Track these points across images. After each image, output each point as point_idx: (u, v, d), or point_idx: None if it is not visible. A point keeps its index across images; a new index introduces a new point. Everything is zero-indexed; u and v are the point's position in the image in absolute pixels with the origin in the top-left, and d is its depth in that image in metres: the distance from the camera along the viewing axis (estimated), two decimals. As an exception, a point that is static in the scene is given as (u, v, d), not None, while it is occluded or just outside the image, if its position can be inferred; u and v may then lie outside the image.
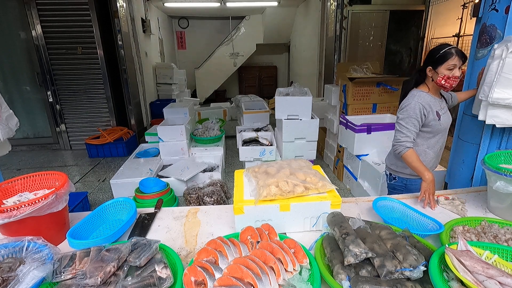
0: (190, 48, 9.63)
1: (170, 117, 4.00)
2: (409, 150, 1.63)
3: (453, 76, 1.56)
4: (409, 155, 1.63)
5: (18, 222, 1.02)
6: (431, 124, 1.67)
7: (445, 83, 1.59)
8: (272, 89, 9.35)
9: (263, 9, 8.13)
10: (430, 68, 1.64)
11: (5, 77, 4.74)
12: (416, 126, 1.65)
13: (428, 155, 1.77)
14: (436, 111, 1.67)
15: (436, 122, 1.67)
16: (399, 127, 1.69)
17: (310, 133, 3.23)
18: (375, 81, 3.40)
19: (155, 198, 2.46)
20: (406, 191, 1.86)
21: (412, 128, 1.65)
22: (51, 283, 0.90)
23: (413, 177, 1.81)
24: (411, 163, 1.63)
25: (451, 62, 1.54)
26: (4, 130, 1.96)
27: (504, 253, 0.92)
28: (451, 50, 1.55)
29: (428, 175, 1.54)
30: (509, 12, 1.77)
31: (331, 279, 0.87)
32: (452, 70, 1.56)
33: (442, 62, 1.57)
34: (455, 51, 1.54)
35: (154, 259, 0.95)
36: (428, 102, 1.66)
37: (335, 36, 5.42)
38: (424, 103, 1.64)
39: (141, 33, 5.92)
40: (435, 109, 1.67)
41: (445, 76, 1.57)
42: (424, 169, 1.58)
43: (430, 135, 1.72)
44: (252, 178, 1.31)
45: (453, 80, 1.57)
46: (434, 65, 1.61)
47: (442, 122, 1.69)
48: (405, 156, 1.64)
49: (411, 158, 1.62)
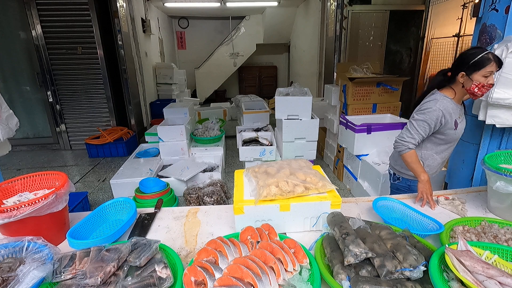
0: (190, 48, 9.63)
1: (170, 117, 4.00)
2: (410, 151, 1.60)
3: (487, 84, 1.46)
4: (409, 155, 1.60)
5: (18, 222, 1.02)
6: (446, 132, 1.60)
7: (478, 91, 1.48)
8: (272, 89, 9.36)
9: (263, 9, 8.13)
10: (463, 74, 1.50)
11: (5, 77, 4.74)
12: (426, 132, 1.60)
13: (435, 161, 1.73)
14: (455, 119, 1.58)
15: (452, 131, 1.60)
16: (409, 126, 1.63)
17: (310, 133, 3.23)
18: (375, 81, 3.40)
19: (155, 198, 2.46)
20: (410, 192, 1.82)
21: (421, 132, 1.59)
22: (51, 283, 0.90)
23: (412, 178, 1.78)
24: (410, 163, 1.61)
25: (489, 69, 1.43)
26: (4, 130, 1.96)
27: (504, 253, 0.92)
28: (488, 55, 1.43)
29: (424, 176, 1.53)
30: (509, 12, 1.77)
31: (331, 279, 0.87)
32: (487, 77, 1.45)
33: (478, 69, 1.44)
34: (492, 57, 1.43)
35: (154, 259, 0.95)
36: (450, 110, 1.56)
37: (335, 36, 5.42)
38: (445, 111, 1.54)
39: (141, 33, 5.92)
40: (455, 117, 1.58)
41: (479, 84, 1.45)
42: (421, 170, 1.56)
43: (442, 142, 1.66)
44: (252, 178, 1.31)
45: (486, 88, 1.47)
46: (469, 71, 1.47)
47: (458, 131, 1.62)
48: (405, 155, 1.61)
49: (410, 158, 1.60)
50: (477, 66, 1.44)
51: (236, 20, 9.04)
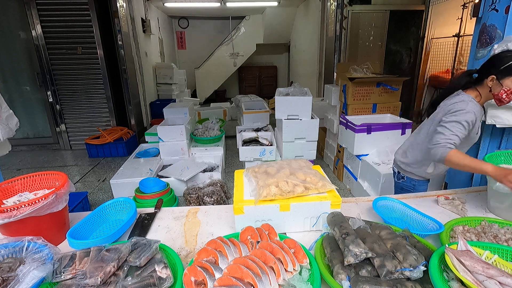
0: (190, 48, 9.63)
1: (170, 117, 4.00)
2: (452, 151, 1.39)
3: None
4: (453, 155, 1.38)
5: (18, 222, 1.02)
6: (470, 136, 1.52)
7: (506, 97, 1.38)
8: (272, 89, 9.35)
9: (263, 9, 8.13)
10: (493, 78, 1.40)
11: (5, 77, 4.74)
12: (462, 134, 1.43)
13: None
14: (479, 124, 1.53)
15: (475, 135, 1.53)
16: (442, 130, 1.46)
17: (310, 133, 3.23)
18: (375, 81, 3.40)
19: (155, 198, 2.46)
20: (414, 191, 1.79)
21: (457, 133, 1.43)
22: (51, 283, 0.90)
23: (422, 179, 1.78)
24: (460, 163, 1.36)
25: None
26: (4, 130, 1.96)
27: (504, 253, 0.92)
28: None
29: (488, 167, 1.27)
30: (509, 12, 1.77)
31: (331, 279, 0.87)
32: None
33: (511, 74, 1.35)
34: None
35: (154, 259, 0.95)
36: (478, 113, 1.47)
37: (335, 36, 5.42)
38: (477, 113, 1.45)
39: (141, 33, 5.92)
40: (479, 122, 1.51)
41: (509, 90, 1.36)
42: (480, 163, 1.31)
43: (462, 144, 1.55)
44: (252, 178, 1.31)
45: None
46: (500, 75, 1.37)
47: (478, 134, 1.56)
48: (449, 157, 1.38)
49: (457, 158, 1.37)
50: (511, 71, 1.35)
51: (236, 20, 9.04)
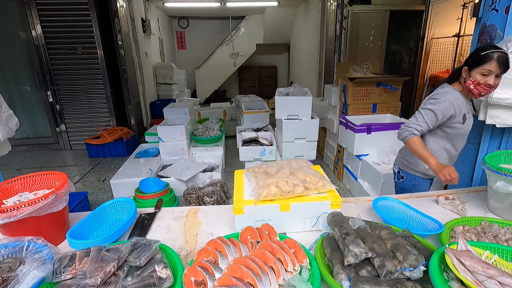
0: (190, 48, 9.63)
1: (170, 117, 4.00)
2: (414, 137, 1.56)
3: (484, 84, 1.43)
4: (414, 141, 1.56)
5: (18, 222, 1.02)
6: (454, 126, 1.58)
7: (473, 88, 1.46)
8: (272, 89, 9.36)
9: (263, 9, 8.13)
10: (465, 68, 1.50)
11: (5, 77, 4.74)
12: (432, 122, 1.56)
13: (442, 155, 1.69)
14: (464, 113, 1.57)
15: (460, 125, 1.58)
16: (417, 114, 1.60)
17: (310, 133, 3.23)
18: (375, 81, 3.40)
19: (155, 198, 2.46)
20: (414, 191, 1.80)
21: (427, 121, 1.56)
22: (51, 283, 0.90)
23: (423, 175, 1.77)
24: (416, 150, 1.55)
25: (487, 67, 1.40)
26: (4, 130, 1.96)
27: (504, 253, 0.92)
28: (492, 54, 1.39)
29: (433, 160, 1.49)
30: (509, 12, 1.77)
31: (331, 279, 0.87)
32: (486, 76, 1.42)
33: (478, 65, 1.43)
34: (496, 56, 1.38)
35: (154, 259, 0.95)
36: (459, 103, 1.55)
37: (335, 36, 5.42)
38: (454, 103, 1.53)
39: (141, 33, 5.92)
40: (464, 111, 1.56)
41: (475, 81, 1.44)
42: (429, 155, 1.51)
43: (449, 136, 1.63)
44: (252, 178, 1.31)
45: (483, 87, 1.44)
46: (470, 65, 1.47)
47: (465, 126, 1.60)
48: (410, 142, 1.57)
49: (415, 144, 1.55)
50: (477, 62, 1.43)
51: (236, 20, 9.04)
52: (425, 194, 1.58)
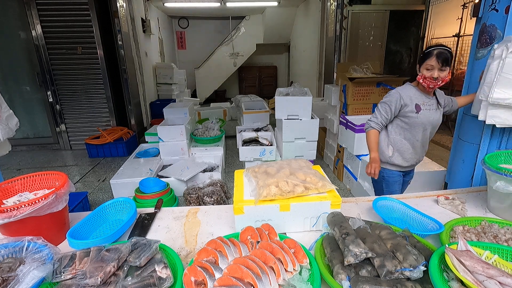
0: (190, 48, 9.63)
1: (170, 117, 4.00)
2: (371, 130, 1.81)
3: (429, 77, 1.62)
4: (369, 134, 1.81)
5: (18, 222, 1.02)
6: (408, 115, 1.74)
7: (422, 82, 1.67)
8: (272, 89, 9.36)
9: (263, 9, 8.13)
10: (418, 66, 1.71)
11: (5, 77, 4.74)
12: (387, 113, 1.78)
13: (404, 145, 1.83)
14: (417, 104, 1.72)
15: (414, 115, 1.73)
16: (376, 109, 1.84)
17: (310, 133, 3.23)
18: (375, 81, 3.40)
19: (155, 198, 2.46)
20: (385, 183, 1.92)
21: (383, 113, 1.79)
22: (51, 283, 0.90)
23: (391, 167, 1.89)
24: (368, 141, 1.81)
25: (429, 63, 1.60)
26: (4, 130, 1.96)
27: (504, 253, 0.92)
28: (432, 51, 1.60)
29: (373, 154, 1.77)
30: (509, 12, 1.77)
31: (331, 279, 0.87)
32: (429, 70, 1.62)
33: (423, 61, 1.64)
34: (435, 53, 1.58)
35: (154, 259, 0.95)
36: (410, 94, 1.74)
37: (335, 36, 5.42)
38: (404, 94, 1.73)
39: (141, 33, 5.92)
40: (416, 101, 1.73)
41: (422, 75, 1.65)
42: (373, 149, 1.78)
43: (407, 126, 1.79)
44: (252, 178, 1.31)
45: (429, 80, 1.63)
46: (419, 63, 1.69)
47: (421, 116, 1.73)
48: (367, 133, 1.82)
49: (369, 136, 1.81)
50: (422, 59, 1.65)
51: (236, 20, 9.04)
52: (425, 194, 1.58)
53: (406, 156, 1.84)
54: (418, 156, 1.88)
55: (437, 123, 1.81)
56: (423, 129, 1.78)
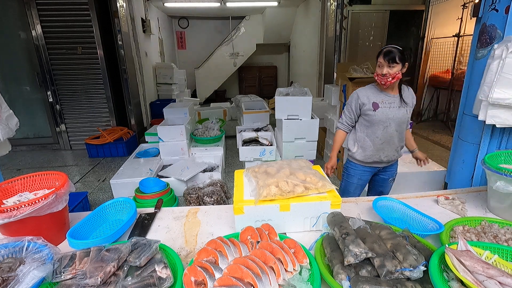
0: (190, 48, 9.63)
1: (170, 117, 4.00)
2: (338, 130, 2.00)
3: (380, 74, 1.73)
4: (336, 134, 2.01)
5: (18, 222, 1.02)
6: (367, 113, 1.84)
7: (377, 79, 1.78)
8: (272, 89, 9.36)
9: (263, 9, 8.13)
10: None
11: (5, 77, 4.74)
12: (350, 113, 1.92)
13: (366, 142, 1.91)
14: (374, 102, 1.81)
15: (372, 112, 1.81)
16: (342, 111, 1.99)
17: (310, 133, 3.23)
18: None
19: (155, 198, 2.46)
20: (346, 174, 2.08)
21: (347, 113, 1.94)
22: (51, 283, 0.90)
23: (354, 160, 2.00)
24: (334, 141, 2.01)
25: (379, 61, 1.73)
26: (4, 130, 1.96)
27: (504, 253, 0.92)
28: (382, 49, 1.73)
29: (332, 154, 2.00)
30: (509, 12, 1.77)
31: (331, 279, 0.87)
32: (380, 68, 1.73)
33: (376, 60, 1.76)
34: (384, 51, 1.70)
35: (154, 259, 0.95)
36: (367, 94, 1.84)
37: (335, 36, 5.42)
38: (361, 94, 1.85)
39: (141, 33, 5.92)
40: (373, 100, 1.81)
41: (375, 73, 1.77)
42: (334, 148, 1.98)
43: (368, 124, 1.88)
44: (252, 178, 1.31)
45: (380, 77, 1.74)
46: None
47: (378, 114, 1.81)
48: (335, 133, 2.02)
49: (334, 137, 2.01)
50: (376, 58, 1.76)
51: (236, 20, 9.04)
52: (425, 194, 1.58)
53: (368, 152, 1.92)
54: (382, 153, 1.91)
55: (401, 120, 1.84)
56: (384, 126, 1.84)
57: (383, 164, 1.98)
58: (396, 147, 1.93)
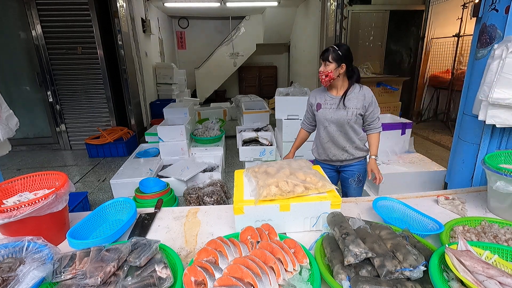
0: (190, 48, 9.63)
1: (170, 117, 4.00)
2: (301, 129, 2.12)
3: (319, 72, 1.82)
4: (299, 132, 2.14)
5: (18, 222, 1.02)
6: (314, 113, 1.95)
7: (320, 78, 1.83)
8: (272, 89, 9.35)
9: (263, 9, 8.13)
10: None
11: (5, 77, 4.74)
12: (308, 112, 2.03)
13: (317, 141, 2.03)
14: (318, 102, 1.89)
15: (316, 113, 1.92)
16: None
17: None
18: (375, 81, 3.40)
19: (155, 198, 2.46)
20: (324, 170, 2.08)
21: (306, 113, 2.06)
22: (51, 283, 0.90)
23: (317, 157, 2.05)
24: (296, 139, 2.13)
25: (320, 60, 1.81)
26: (4, 130, 1.96)
27: (504, 253, 0.92)
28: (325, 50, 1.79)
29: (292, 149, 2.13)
30: (509, 12, 1.77)
31: (331, 279, 0.87)
32: (322, 65, 1.79)
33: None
34: (322, 51, 1.78)
35: (154, 259, 0.95)
36: (316, 94, 1.94)
37: (335, 36, 5.41)
38: (312, 94, 1.97)
39: (141, 33, 5.92)
40: (319, 101, 1.90)
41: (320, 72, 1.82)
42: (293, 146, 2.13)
43: (315, 122, 2.01)
44: (252, 178, 1.31)
45: (319, 75, 1.81)
46: None
47: (319, 114, 1.89)
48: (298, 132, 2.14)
49: (297, 135, 2.14)
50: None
51: (236, 20, 9.03)
52: (425, 194, 1.58)
53: (319, 150, 2.01)
54: (330, 152, 1.93)
55: (339, 122, 1.83)
56: (324, 127, 1.90)
57: (337, 163, 1.98)
58: (342, 147, 1.90)
